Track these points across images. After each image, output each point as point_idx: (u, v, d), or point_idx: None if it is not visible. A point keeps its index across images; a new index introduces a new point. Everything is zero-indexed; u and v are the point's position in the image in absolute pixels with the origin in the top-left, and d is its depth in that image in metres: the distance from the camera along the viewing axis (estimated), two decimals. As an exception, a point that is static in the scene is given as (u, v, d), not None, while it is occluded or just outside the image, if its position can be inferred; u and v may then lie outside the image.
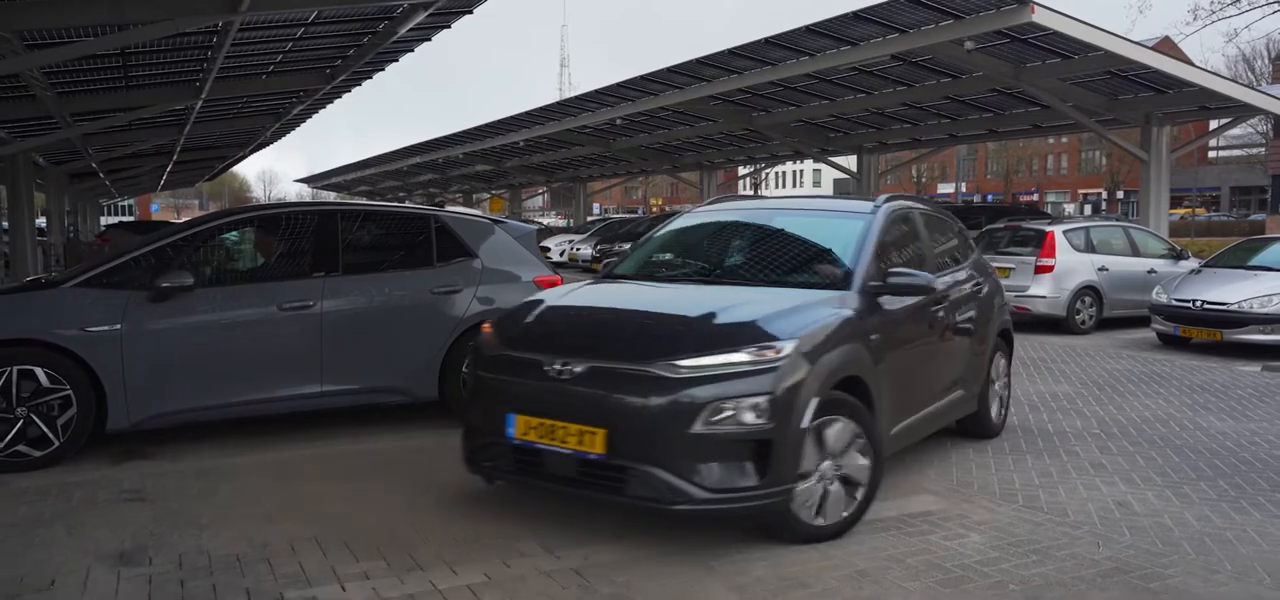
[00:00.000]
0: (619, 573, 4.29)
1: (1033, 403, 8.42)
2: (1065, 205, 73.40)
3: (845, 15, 14.55)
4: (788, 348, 4.43)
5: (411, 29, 13.98)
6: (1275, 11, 28.15)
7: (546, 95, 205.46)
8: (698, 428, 4.25)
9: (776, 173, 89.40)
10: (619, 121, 25.56)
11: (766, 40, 16.49)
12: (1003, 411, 7.24)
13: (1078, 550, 4.68)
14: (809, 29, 15.43)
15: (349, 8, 12.38)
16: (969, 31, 13.99)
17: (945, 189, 79.39)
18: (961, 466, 6.27)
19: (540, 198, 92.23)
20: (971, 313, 6.54)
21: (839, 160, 28.44)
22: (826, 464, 4.64)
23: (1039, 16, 13.11)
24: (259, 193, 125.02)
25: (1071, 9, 13.63)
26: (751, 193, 58.64)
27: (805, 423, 4.43)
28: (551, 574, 4.27)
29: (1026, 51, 15.69)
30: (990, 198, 68.92)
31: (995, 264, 14.17)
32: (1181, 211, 55.37)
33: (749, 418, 4.29)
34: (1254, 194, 60.71)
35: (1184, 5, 44.20)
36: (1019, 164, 79.54)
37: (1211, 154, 71.32)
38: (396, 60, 18.24)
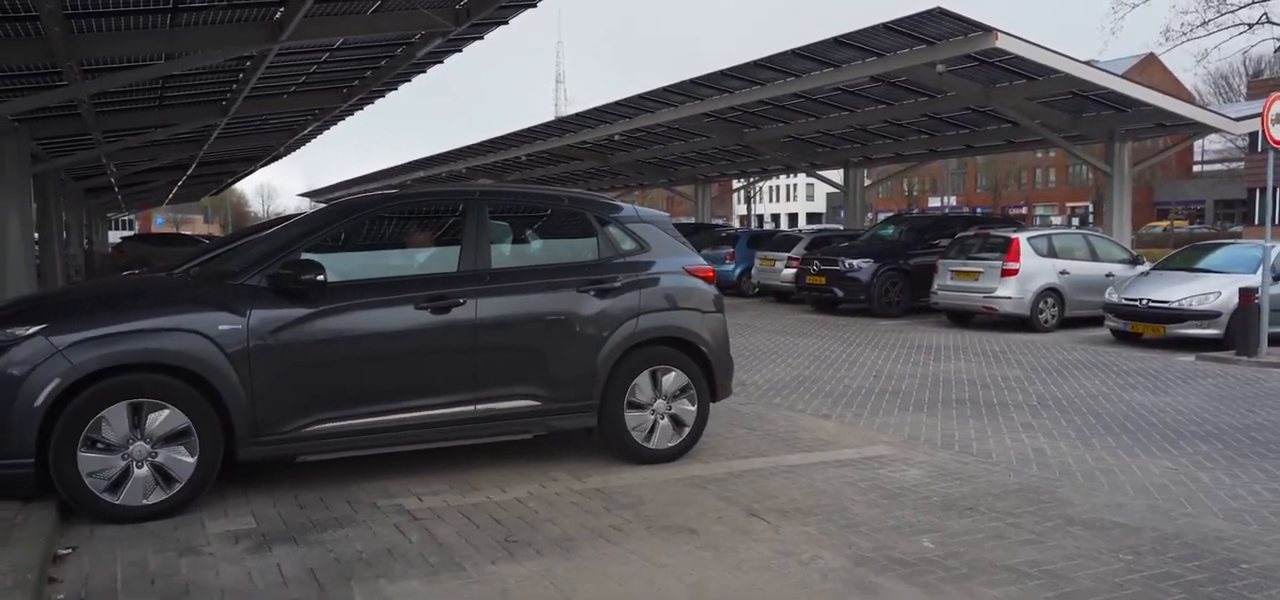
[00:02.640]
0: (631, 491, 5.51)
1: (984, 382, 9.67)
2: (1053, 217, 74.91)
3: (827, 40, 15.85)
4: None
5: (427, 53, 15.21)
6: (1242, 33, 29.61)
7: (542, 108, 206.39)
8: None
9: (770, 186, 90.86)
10: (617, 138, 26.84)
11: (756, 63, 17.78)
12: None
13: (993, 478, 5.92)
14: (795, 52, 16.72)
15: (375, 35, 13.59)
16: (940, 56, 15.29)
17: (935, 201, 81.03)
18: (913, 427, 7.51)
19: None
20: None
21: (827, 174, 29.75)
22: None
23: (1002, 42, 14.41)
24: (258, 207, 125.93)
25: (1047, 29, 14.97)
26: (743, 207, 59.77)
27: None
28: (580, 493, 5.49)
29: (995, 73, 17.01)
30: (979, 210, 70.40)
31: (966, 267, 15.58)
32: (1164, 223, 56.81)
33: None
34: (1237, 206, 62.21)
35: (1156, 26, 45.66)
36: (1008, 177, 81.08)
37: (1196, 168, 72.93)
38: (409, 80, 19.33)
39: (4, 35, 10.56)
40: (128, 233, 62.59)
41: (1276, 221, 12.42)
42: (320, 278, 5.19)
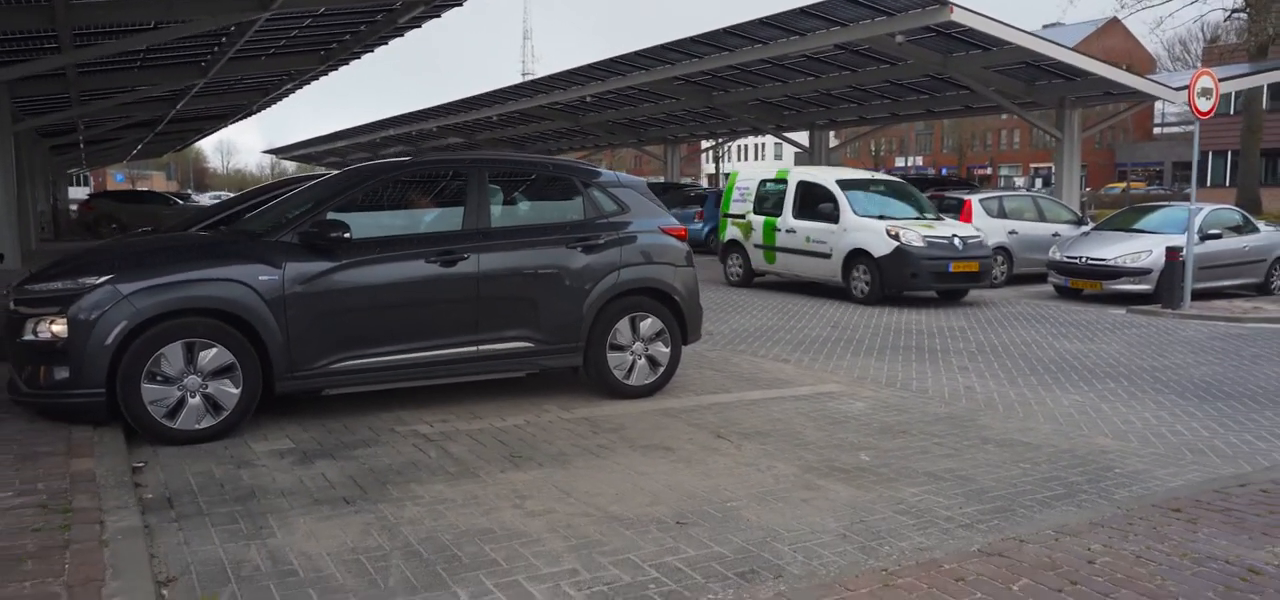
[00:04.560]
0: (613, 420, 6.37)
1: (931, 332, 10.64)
2: (1017, 178, 76.44)
3: (793, 10, 16.63)
4: None
5: (408, 19, 15.74)
6: (1192, 2, 30.68)
7: (509, 63, 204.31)
8: None
9: (738, 146, 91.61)
10: (589, 99, 27.46)
11: (725, 30, 18.52)
12: None
13: (927, 409, 6.86)
14: (762, 21, 17.48)
15: (360, 2, 14.11)
16: (899, 27, 16.14)
17: (901, 161, 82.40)
18: (862, 369, 8.44)
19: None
20: None
21: (793, 136, 30.61)
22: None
23: (957, 15, 15.27)
24: (217, 164, 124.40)
25: (1008, 7, 15.74)
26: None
27: None
28: (570, 421, 6.34)
29: (951, 44, 17.88)
30: (945, 171, 71.72)
31: (923, 228, 16.59)
32: (1122, 185, 58.42)
33: None
34: (1197, 168, 63.86)
35: (1117, -8, 46.97)
36: (973, 138, 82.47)
37: (1156, 131, 74.69)
38: (386, 44, 19.78)
39: (10, 4, 11.03)
40: (82, 190, 61.90)
41: (1211, 184, 13.47)
42: (346, 235, 5.96)
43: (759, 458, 5.49)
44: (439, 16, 16.78)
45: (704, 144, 52.16)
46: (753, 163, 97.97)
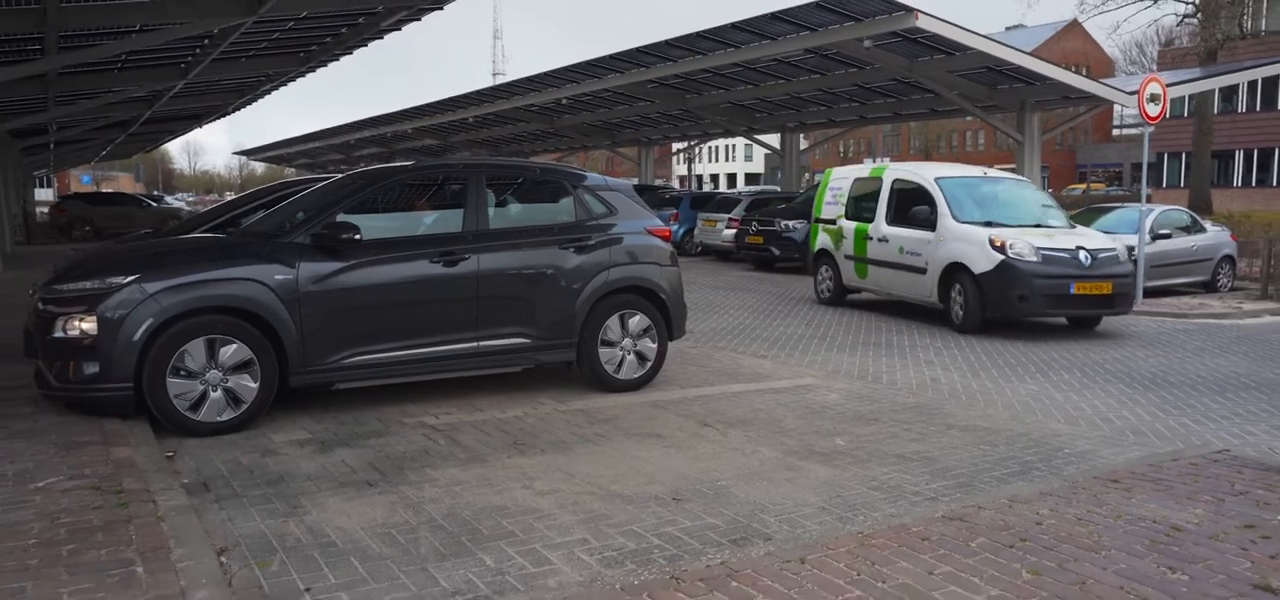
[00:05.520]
0: (606, 411, 6.82)
1: (900, 329, 11.20)
2: (980, 179, 77.63)
3: (765, 15, 17.18)
4: None
5: (390, 23, 16.05)
6: (1147, 7, 31.72)
7: (479, 62, 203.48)
8: None
9: (709, 147, 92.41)
10: (564, 101, 27.87)
11: (698, 34, 19.05)
12: None
13: (896, 399, 7.38)
14: (734, 26, 18.02)
15: (343, 6, 14.41)
16: (867, 32, 16.75)
17: (870, 162, 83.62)
18: (836, 363, 8.97)
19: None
20: None
21: (764, 138, 31.21)
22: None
23: (922, 21, 15.90)
24: (184, 165, 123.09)
25: (971, 8, 16.35)
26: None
27: None
28: (565, 412, 6.79)
29: (917, 49, 18.54)
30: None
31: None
32: (1083, 186, 59.80)
33: None
34: (1151, 170, 65.55)
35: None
36: (939, 140, 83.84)
37: (1115, 132, 76.44)
38: (365, 46, 20.01)
39: (5, 8, 11.23)
40: (47, 192, 61.13)
41: (1166, 185, 14.19)
42: (356, 236, 6.36)
43: (744, 443, 5.97)
44: (419, 19, 17.09)
45: (677, 146, 52.67)
46: (724, 163, 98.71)
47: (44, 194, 58.50)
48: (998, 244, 10.60)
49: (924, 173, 12.21)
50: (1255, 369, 8.95)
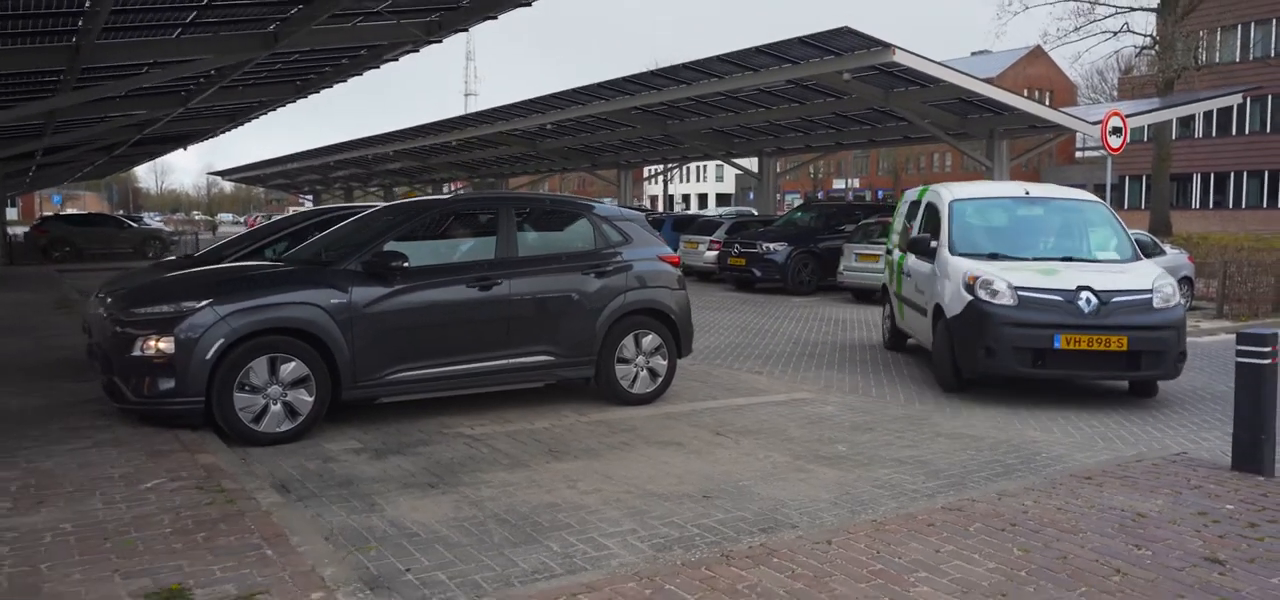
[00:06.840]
0: (626, 422, 7.46)
1: (883, 347, 11.93)
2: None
3: (750, 48, 18.01)
4: None
5: (391, 55, 16.61)
6: (1108, 39, 33.13)
7: (452, 81, 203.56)
8: None
9: (682, 169, 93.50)
10: (549, 126, 28.57)
11: (684, 65, 19.87)
12: None
13: (887, 410, 8.09)
14: (720, 58, 18.83)
15: (351, 40, 14.96)
16: (847, 66, 17.62)
17: (839, 183, 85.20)
18: (828, 379, 9.67)
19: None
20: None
21: (742, 161, 32.10)
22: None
23: (899, 57, 16.78)
24: (150, 184, 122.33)
25: (945, 22, 17.24)
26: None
27: None
28: (588, 423, 7.42)
29: (893, 81, 19.45)
30: (882, 194, 74.42)
31: (867, 251, 17.92)
32: (1046, 208, 61.26)
33: None
34: (1112, 192, 67.39)
35: (1040, 26, 49.74)
36: (907, 161, 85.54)
37: (1078, 155, 78.49)
38: (360, 74, 20.50)
39: (39, 45, 11.69)
40: (11, 211, 60.64)
41: (1128, 207, 15.10)
42: (404, 264, 6.97)
43: (756, 449, 6.63)
44: (418, 51, 17.68)
45: (653, 168, 53.44)
46: (695, 183, 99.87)
47: (11, 213, 58.03)
48: (969, 281, 8.64)
49: (943, 193, 10.20)
50: (1209, 382, 9.78)
